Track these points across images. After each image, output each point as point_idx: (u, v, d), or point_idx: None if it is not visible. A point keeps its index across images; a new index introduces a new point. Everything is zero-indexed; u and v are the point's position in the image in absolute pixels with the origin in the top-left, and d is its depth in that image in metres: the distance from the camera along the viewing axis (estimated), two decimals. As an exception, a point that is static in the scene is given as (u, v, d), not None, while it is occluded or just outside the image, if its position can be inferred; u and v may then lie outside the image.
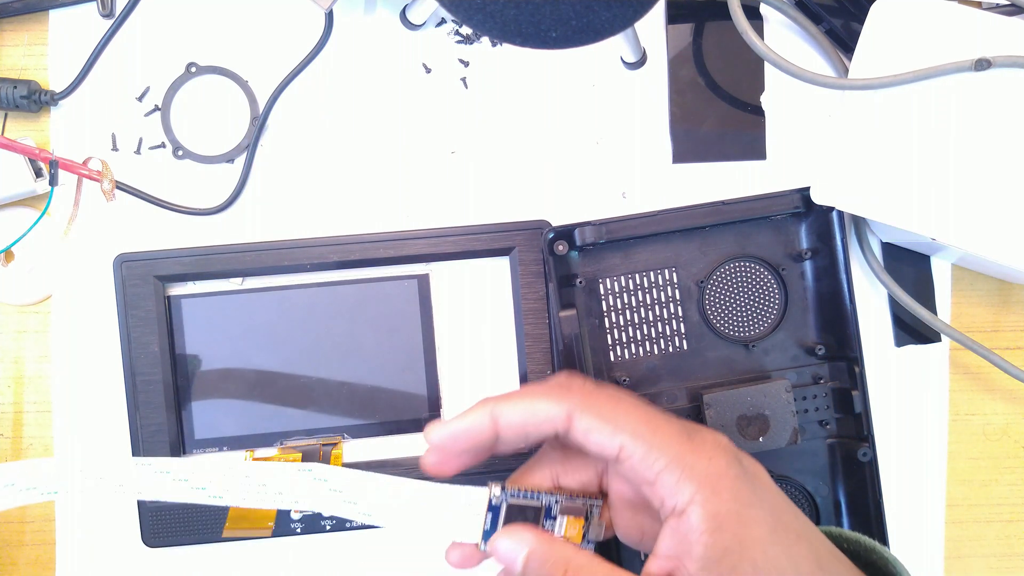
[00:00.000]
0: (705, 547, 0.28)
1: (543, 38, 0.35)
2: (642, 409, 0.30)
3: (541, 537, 0.31)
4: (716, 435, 0.30)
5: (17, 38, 0.47)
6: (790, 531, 0.29)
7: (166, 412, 0.45)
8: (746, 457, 0.31)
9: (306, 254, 0.45)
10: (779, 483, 0.45)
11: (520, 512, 0.34)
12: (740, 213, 0.44)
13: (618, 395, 0.31)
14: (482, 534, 0.34)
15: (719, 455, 0.29)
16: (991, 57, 0.40)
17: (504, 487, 0.34)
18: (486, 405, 0.32)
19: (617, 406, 0.30)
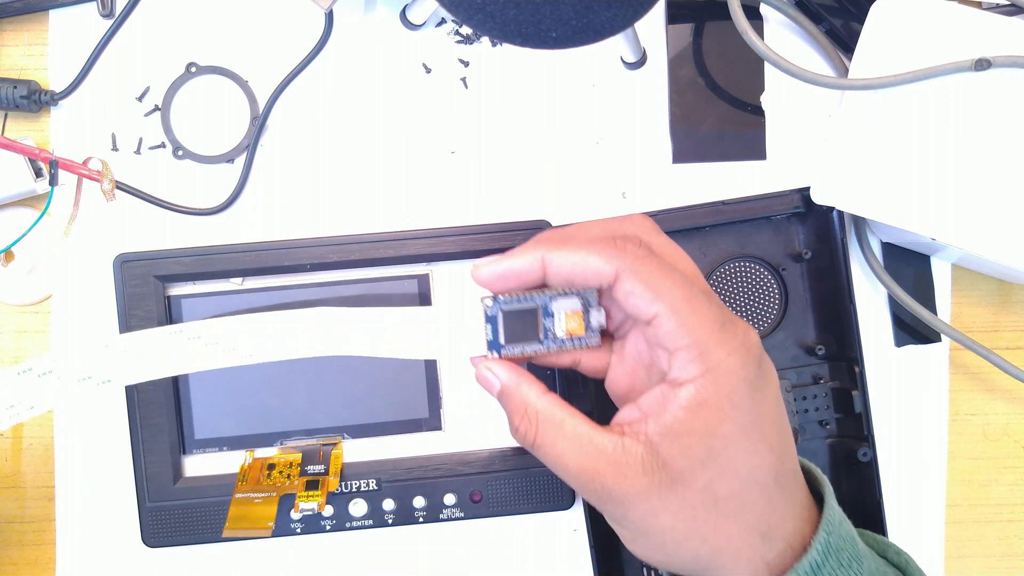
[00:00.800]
0: (674, 419, 0.29)
1: (543, 38, 0.35)
2: (687, 286, 0.30)
3: (512, 376, 0.33)
4: (748, 332, 0.30)
5: (17, 38, 0.47)
6: (763, 440, 0.30)
7: (166, 412, 0.45)
8: (766, 362, 0.30)
9: (306, 254, 0.45)
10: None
11: (519, 316, 0.35)
12: (740, 213, 0.44)
13: (669, 265, 0.31)
14: (486, 344, 0.35)
15: (739, 353, 0.29)
16: (991, 57, 0.40)
17: (496, 297, 0.34)
18: (538, 248, 0.32)
19: (665, 276, 0.30)
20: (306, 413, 0.46)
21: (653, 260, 0.30)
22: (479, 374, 0.34)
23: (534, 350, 0.36)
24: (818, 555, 0.29)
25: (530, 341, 0.35)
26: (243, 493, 0.43)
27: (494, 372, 0.33)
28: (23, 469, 0.47)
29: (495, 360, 0.34)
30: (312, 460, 0.45)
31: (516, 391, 0.32)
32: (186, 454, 0.46)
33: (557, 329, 0.35)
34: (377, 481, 0.45)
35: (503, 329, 0.35)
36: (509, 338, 0.36)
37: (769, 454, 0.30)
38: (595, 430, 0.30)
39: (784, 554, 0.30)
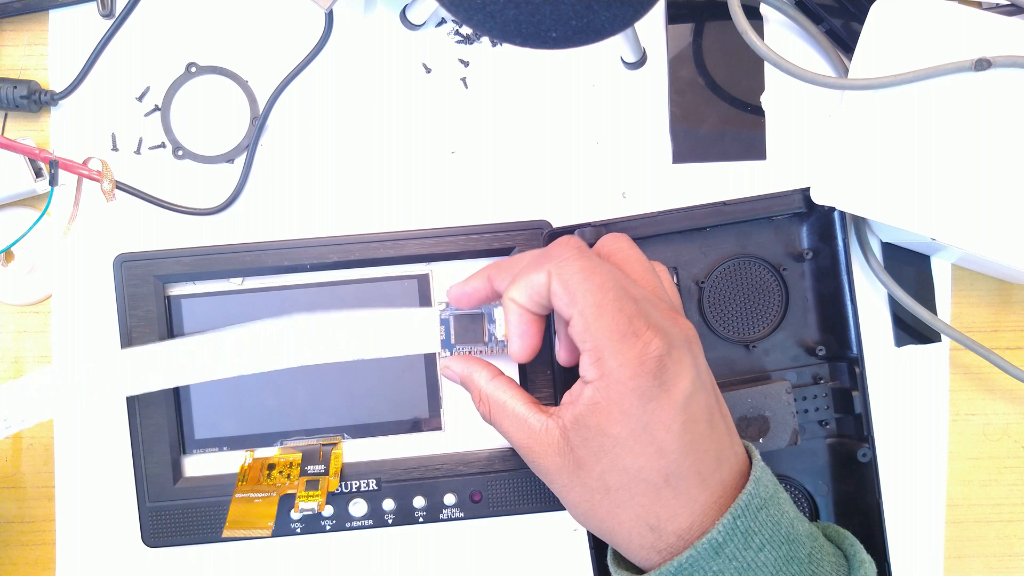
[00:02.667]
0: (579, 412, 0.33)
1: (543, 38, 0.35)
2: (602, 291, 0.33)
3: (465, 366, 0.38)
4: (649, 344, 0.32)
5: (17, 38, 0.47)
6: (651, 445, 0.32)
7: (166, 412, 0.45)
8: (669, 373, 0.32)
9: (306, 254, 0.45)
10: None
11: (467, 320, 0.42)
12: (741, 213, 0.44)
13: (593, 267, 0.33)
14: (440, 343, 0.42)
15: (632, 365, 0.32)
16: (991, 57, 0.40)
17: (448, 303, 0.42)
18: (484, 273, 0.39)
19: (584, 279, 0.33)
20: (306, 413, 0.46)
21: (577, 262, 0.34)
22: (442, 370, 0.40)
23: (479, 349, 0.42)
24: (718, 535, 0.32)
25: (476, 342, 0.42)
26: (243, 493, 0.43)
27: (451, 366, 0.39)
28: (23, 469, 0.47)
29: (453, 356, 0.40)
30: (312, 460, 0.45)
31: (470, 378, 0.38)
32: (186, 454, 0.46)
33: (498, 332, 0.42)
34: (377, 481, 0.45)
35: (454, 331, 0.42)
36: (459, 339, 0.43)
37: (658, 457, 0.32)
38: (530, 411, 0.35)
39: (675, 545, 0.33)
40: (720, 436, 0.34)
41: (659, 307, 0.35)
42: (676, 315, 0.35)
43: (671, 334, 0.33)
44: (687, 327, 0.35)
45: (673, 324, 0.34)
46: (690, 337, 0.34)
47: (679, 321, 0.35)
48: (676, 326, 0.34)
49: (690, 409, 0.33)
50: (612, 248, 0.37)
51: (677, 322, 0.34)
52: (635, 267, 0.36)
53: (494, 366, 0.38)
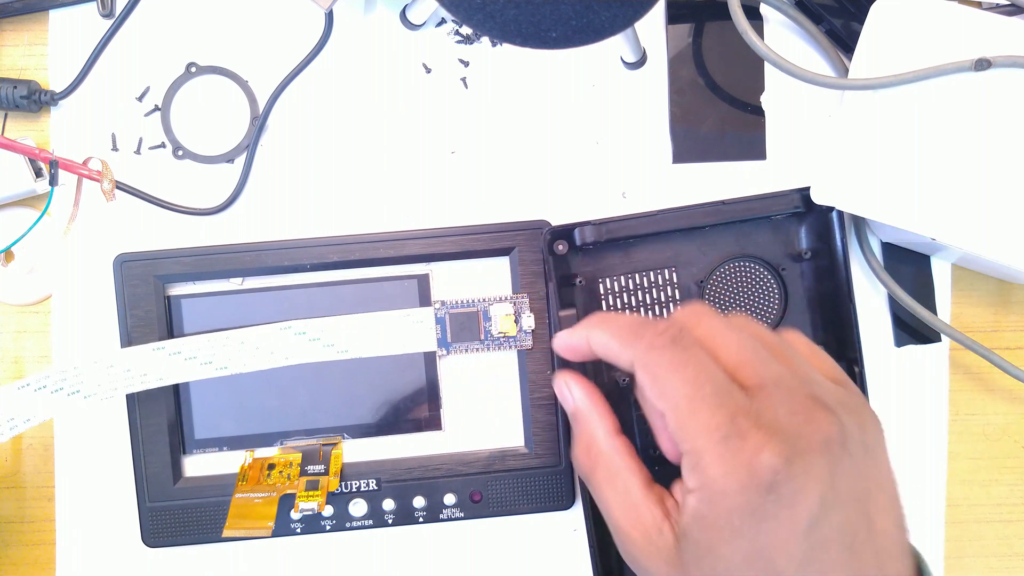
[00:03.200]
0: (684, 529, 0.28)
1: (543, 38, 0.35)
2: (695, 385, 0.28)
3: (587, 402, 0.33)
4: (760, 451, 0.26)
5: (17, 38, 0.47)
6: (769, 571, 0.27)
7: (166, 412, 0.45)
8: (788, 488, 0.26)
9: (306, 254, 0.45)
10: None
11: (463, 318, 0.43)
12: (740, 213, 0.44)
13: (686, 356, 0.28)
14: (437, 342, 0.43)
15: (739, 474, 0.26)
16: (991, 57, 0.40)
17: (444, 302, 0.43)
18: (586, 328, 0.33)
19: (674, 371, 0.28)
20: (306, 413, 0.46)
21: (667, 352, 0.29)
22: (557, 384, 0.34)
23: (476, 347, 0.43)
24: None
25: (472, 340, 0.43)
26: (243, 493, 0.43)
27: (571, 390, 0.33)
28: (23, 469, 0.47)
29: (575, 376, 0.34)
30: (312, 460, 0.45)
31: (587, 420, 0.32)
32: (186, 454, 0.46)
33: (494, 329, 0.42)
34: (377, 481, 0.45)
35: (450, 329, 0.42)
36: (455, 337, 0.43)
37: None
38: (644, 494, 0.30)
39: None
40: (864, 564, 0.27)
41: (789, 399, 0.28)
42: (816, 407, 0.28)
43: (797, 435, 0.27)
44: (830, 423, 0.27)
45: (806, 421, 0.27)
46: (830, 436, 0.27)
47: (817, 416, 0.27)
48: (810, 423, 0.27)
49: (819, 532, 0.26)
50: (704, 329, 0.30)
51: (813, 418, 0.27)
52: (765, 339, 0.30)
53: (616, 419, 0.32)
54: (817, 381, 0.29)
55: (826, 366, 0.31)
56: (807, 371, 0.30)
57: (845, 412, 0.28)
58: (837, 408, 0.28)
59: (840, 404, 0.28)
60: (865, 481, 0.28)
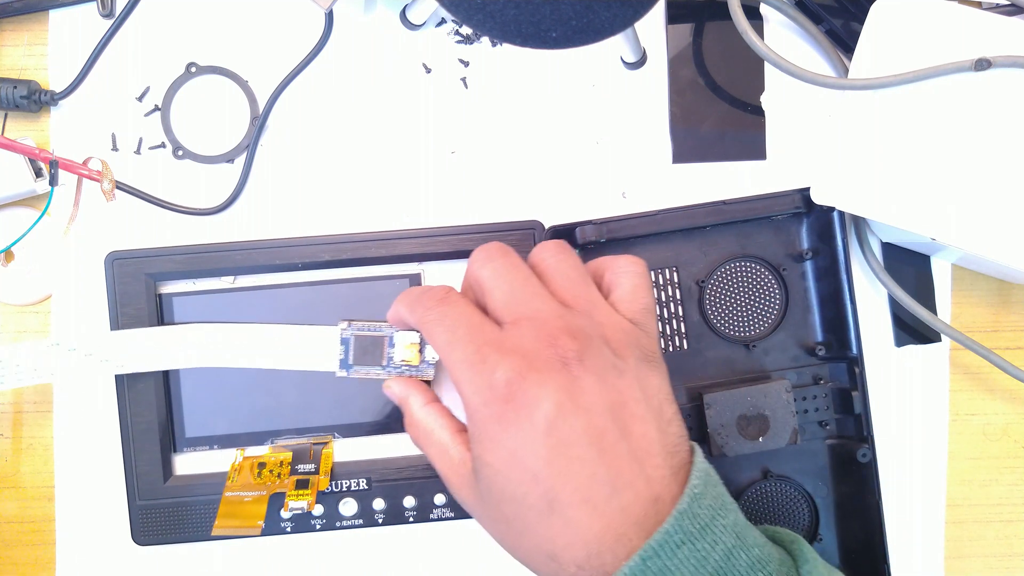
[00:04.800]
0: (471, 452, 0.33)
1: (543, 38, 0.35)
2: (455, 328, 0.33)
3: (403, 389, 0.38)
4: (497, 368, 0.31)
5: (17, 38, 0.47)
6: (525, 471, 0.31)
7: (157, 410, 0.45)
8: (526, 396, 0.31)
9: (298, 253, 0.45)
10: (779, 483, 0.45)
11: (367, 342, 0.43)
12: (741, 213, 0.44)
13: (446, 310, 0.34)
14: (339, 363, 0.43)
15: (482, 391, 0.31)
16: (991, 57, 0.40)
17: (351, 322, 0.43)
18: (395, 303, 0.39)
19: (437, 325, 0.34)
20: (297, 412, 0.46)
21: (433, 311, 0.34)
22: (384, 388, 0.39)
23: (376, 373, 0.42)
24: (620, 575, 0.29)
25: (374, 365, 0.42)
26: (233, 492, 0.43)
27: (392, 387, 0.39)
28: (23, 469, 0.47)
29: (394, 377, 0.39)
30: (302, 459, 0.45)
31: (406, 400, 0.38)
32: (177, 452, 0.46)
33: (396, 357, 0.42)
34: (367, 480, 0.45)
35: (353, 351, 0.43)
36: (357, 360, 0.43)
37: (535, 484, 0.31)
38: (454, 441, 0.35)
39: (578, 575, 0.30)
40: (617, 459, 0.31)
41: (537, 329, 0.32)
42: (561, 335, 0.32)
43: (535, 355, 0.31)
44: (568, 346, 0.31)
45: (547, 345, 0.31)
46: (567, 356, 0.31)
47: (558, 341, 0.31)
48: (550, 346, 0.31)
49: (559, 433, 0.30)
50: (535, 260, 0.36)
51: (554, 342, 0.31)
52: (554, 278, 0.35)
53: (432, 392, 0.38)
54: (587, 314, 0.33)
55: (633, 304, 0.35)
56: (585, 305, 0.34)
57: (601, 342, 0.32)
58: (591, 337, 0.32)
59: (601, 336, 0.32)
60: (614, 394, 0.31)
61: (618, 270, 0.36)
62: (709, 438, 0.43)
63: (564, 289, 0.34)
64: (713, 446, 0.43)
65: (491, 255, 0.35)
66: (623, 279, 0.35)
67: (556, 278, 0.35)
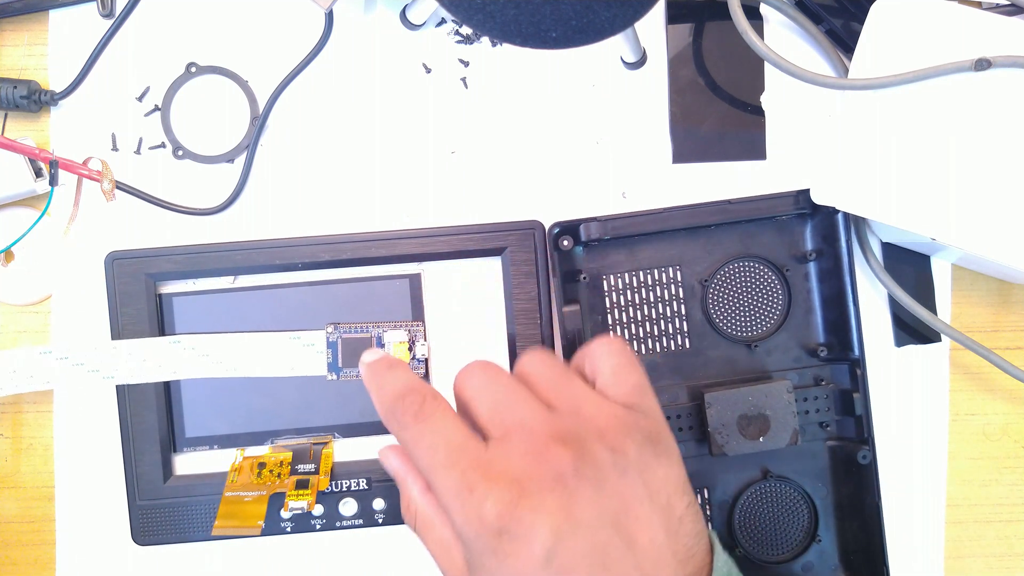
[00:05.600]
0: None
1: (543, 38, 0.35)
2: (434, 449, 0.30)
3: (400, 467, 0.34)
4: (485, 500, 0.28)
5: (17, 38, 0.47)
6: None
7: (157, 410, 0.45)
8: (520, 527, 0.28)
9: (297, 253, 0.45)
10: (778, 484, 0.45)
11: (356, 344, 0.42)
12: (745, 213, 0.44)
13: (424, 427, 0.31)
14: (327, 366, 0.43)
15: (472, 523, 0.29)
16: (991, 57, 0.40)
17: (336, 325, 0.42)
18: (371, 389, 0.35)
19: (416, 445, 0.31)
20: (297, 412, 0.46)
21: (410, 428, 0.31)
22: (381, 458, 0.35)
23: None
24: None
25: None
26: (233, 491, 0.43)
27: (388, 459, 0.35)
28: (23, 469, 0.47)
29: (392, 448, 0.35)
30: (302, 459, 0.45)
31: (403, 482, 0.34)
32: (177, 452, 0.46)
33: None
34: (367, 480, 0.45)
35: (341, 354, 0.42)
36: (346, 362, 0.42)
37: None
38: (454, 539, 0.31)
39: None
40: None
41: (526, 442, 0.30)
42: (552, 445, 0.29)
43: (527, 476, 0.29)
44: (562, 458, 0.29)
45: (538, 461, 0.29)
46: (562, 471, 0.29)
47: (550, 455, 0.29)
48: (542, 462, 0.29)
49: (559, 561, 0.28)
50: (518, 370, 0.33)
51: (546, 457, 0.29)
52: (538, 381, 0.32)
53: None
54: (575, 411, 0.31)
55: (621, 386, 0.32)
56: (571, 401, 0.31)
57: (595, 439, 0.30)
58: (584, 439, 0.30)
59: (595, 433, 0.30)
60: (616, 501, 0.29)
61: (595, 354, 0.34)
62: (709, 437, 0.43)
63: (547, 390, 0.32)
64: (713, 445, 0.43)
65: (472, 371, 0.33)
66: (602, 362, 0.33)
67: (540, 381, 0.33)
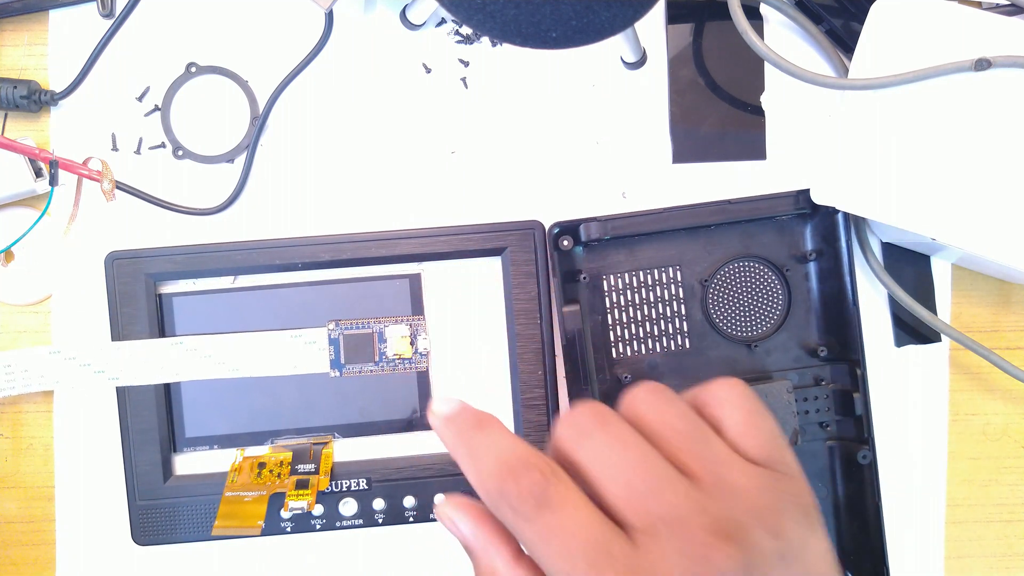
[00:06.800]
0: None
1: (543, 38, 0.35)
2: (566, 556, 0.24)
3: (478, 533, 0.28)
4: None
5: (17, 38, 0.47)
6: None
7: (157, 410, 0.45)
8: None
9: (297, 253, 0.45)
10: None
11: (357, 340, 0.42)
12: (745, 213, 0.44)
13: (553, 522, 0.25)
14: (330, 363, 0.43)
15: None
16: (991, 57, 0.40)
17: (338, 322, 0.43)
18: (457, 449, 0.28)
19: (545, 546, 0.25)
20: (297, 412, 0.46)
21: (533, 523, 0.25)
22: (441, 516, 0.28)
23: (370, 369, 0.43)
24: None
25: (366, 361, 0.42)
26: (233, 491, 0.43)
27: (457, 524, 0.28)
28: (23, 469, 0.47)
29: (461, 504, 0.28)
30: (302, 459, 0.45)
31: (484, 554, 0.27)
32: (177, 452, 0.46)
33: (389, 351, 0.42)
34: (367, 480, 0.45)
35: (343, 351, 0.42)
36: (348, 358, 0.42)
37: None
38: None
39: None
40: None
41: (683, 538, 0.24)
42: (714, 542, 0.24)
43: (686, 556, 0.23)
44: (728, 559, 0.23)
45: (702, 565, 0.23)
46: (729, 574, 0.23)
47: (714, 555, 0.23)
48: (706, 566, 0.23)
49: None
50: (631, 415, 0.27)
51: (710, 559, 0.23)
52: (663, 434, 0.26)
53: (515, 541, 0.27)
54: (720, 483, 0.25)
55: (756, 439, 0.27)
56: (714, 467, 0.26)
57: (756, 525, 0.24)
58: (747, 528, 0.24)
59: (752, 514, 0.25)
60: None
61: (719, 399, 0.28)
62: (709, 438, 0.43)
63: (684, 451, 0.26)
64: (713, 446, 0.43)
65: (584, 429, 0.26)
66: (730, 410, 0.27)
67: (670, 437, 0.26)
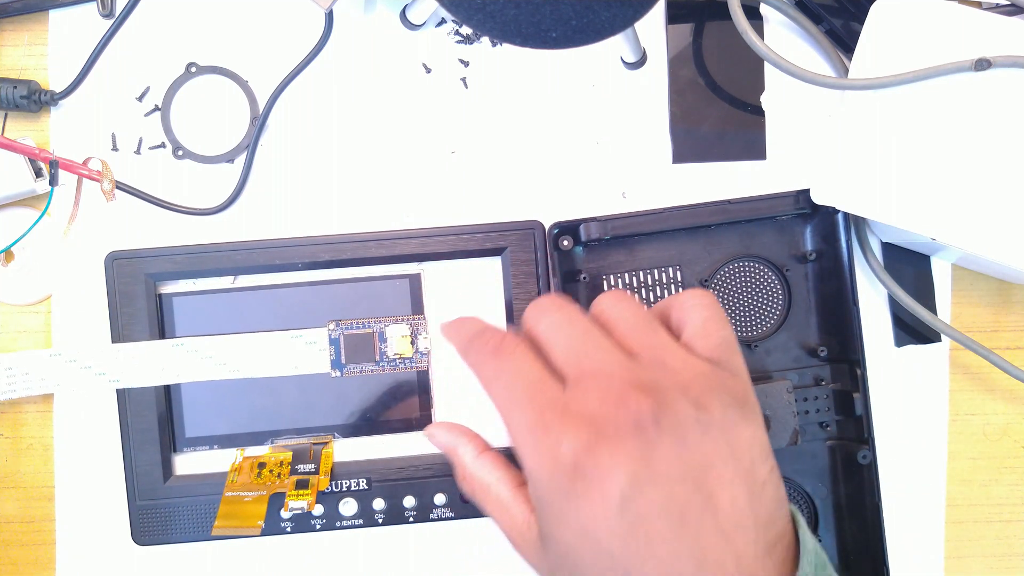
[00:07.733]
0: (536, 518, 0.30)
1: (543, 38, 0.35)
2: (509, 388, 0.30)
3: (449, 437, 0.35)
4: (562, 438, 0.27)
5: (17, 38, 0.47)
6: (599, 549, 0.28)
7: (157, 410, 0.45)
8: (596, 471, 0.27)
9: (297, 253, 0.45)
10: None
11: (358, 339, 0.42)
12: (746, 213, 0.44)
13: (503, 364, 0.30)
14: (330, 363, 0.43)
15: (546, 463, 0.28)
16: (991, 57, 0.40)
17: (339, 322, 0.42)
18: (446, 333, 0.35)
19: (494, 381, 0.30)
20: (297, 412, 0.46)
21: (489, 363, 0.31)
22: (426, 435, 0.35)
23: (371, 369, 0.43)
24: None
25: (367, 361, 0.42)
26: (233, 491, 0.43)
27: (436, 435, 0.35)
28: (23, 469, 0.47)
29: (437, 424, 0.36)
30: (302, 459, 0.45)
31: (455, 451, 0.34)
32: (177, 452, 0.46)
33: (389, 351, 0.42)
34: (367, 480, 0.45)
35: (344, 351, 0.42)
36: (349, 358, 0.42)
37: (610, 563, 0.27)
38: (513, 496, 0.32)
39: None
40: (701, 535, 0.27)
41: (604, 386, 0.28)
42: (632, 392, 0.28)
43: (604, 420, 0.27)
44: (642, 405, 0.27)
45: (617, 406, 0.27)
46: (641, 419, 0.27)
47: (630, 401, 0.27)
48: (621, 407, 0.27)
49: (635, 507, 0.27)
50: (595, 311, 0.32)
51: (625, 403, 0.27)
52: (617, 326, 0.31)
53: (481, 439, 0.34)
54: (659, 361, 0.29)
55: (708, 340, 0.31)
56: (655, 352, 0.30)
57: (679, 393, 0.28)
58: (667, 390, 0.28)
59: (678, 386, 0.28)
60: (698, 458, 0.27)
61: (684, 305, 0.32)
62: (709, 438, 0.43)
63: (629, 337, 0.30)
64: (713, 446, 0.43)
65: (545, 308, 0.31)
66: (691, 314, 0.31)
67: (619, 325, 0.31)
